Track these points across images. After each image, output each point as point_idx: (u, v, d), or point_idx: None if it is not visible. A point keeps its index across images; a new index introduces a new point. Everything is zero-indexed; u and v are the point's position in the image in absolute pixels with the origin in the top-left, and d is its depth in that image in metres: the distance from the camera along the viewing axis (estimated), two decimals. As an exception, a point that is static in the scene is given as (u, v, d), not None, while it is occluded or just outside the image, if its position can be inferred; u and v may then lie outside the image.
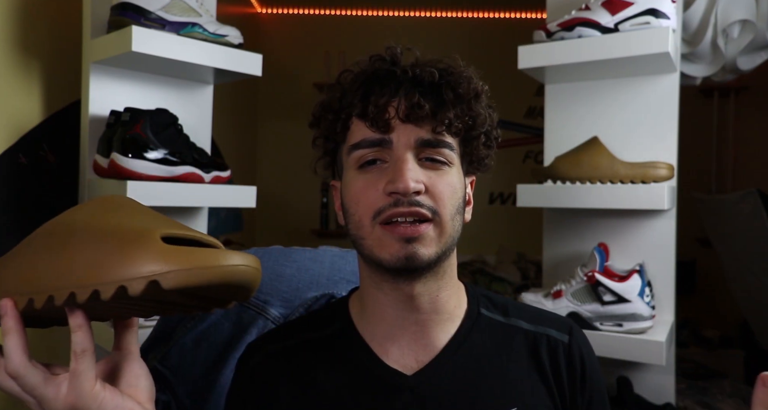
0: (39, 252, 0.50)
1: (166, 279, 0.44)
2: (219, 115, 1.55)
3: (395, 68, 0.67)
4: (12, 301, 0.49)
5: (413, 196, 0.62)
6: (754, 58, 1.75)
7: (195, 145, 1.23)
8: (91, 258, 0.46)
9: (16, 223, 1.21)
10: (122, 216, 0.50)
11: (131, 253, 0.45)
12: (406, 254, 0.61)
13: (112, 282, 0.44)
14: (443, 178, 0.64)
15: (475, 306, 0.72)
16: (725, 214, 2.38)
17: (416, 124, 0.64)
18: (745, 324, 2.76)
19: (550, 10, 1.51)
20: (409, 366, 0.68)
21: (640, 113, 1.38)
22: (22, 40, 1.23)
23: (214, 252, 0.46)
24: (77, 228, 0.49)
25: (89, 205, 0.53)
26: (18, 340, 0.49)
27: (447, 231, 0.63)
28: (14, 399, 0.51)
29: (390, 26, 3.74)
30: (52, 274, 0.47)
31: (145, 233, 0.47)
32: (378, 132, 0.64)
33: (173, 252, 0.45)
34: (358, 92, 0.66)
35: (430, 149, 0.64)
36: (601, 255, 1.24)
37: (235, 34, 1.25)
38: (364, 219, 0.64)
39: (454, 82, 0.65)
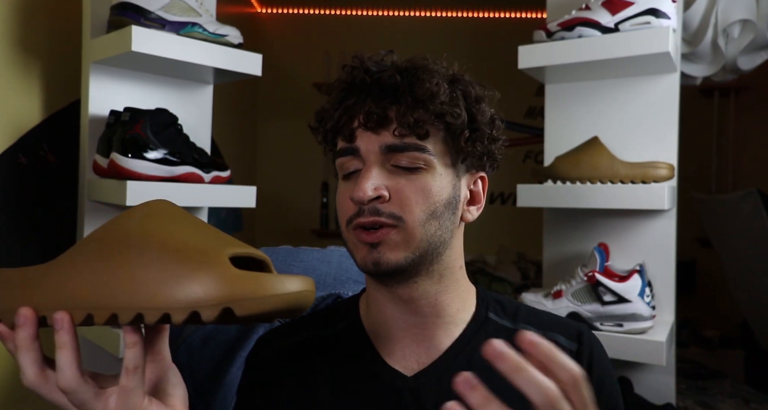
0: (92, 263, 0.47)
1: (241, 308, 0.43)
2: (219, 115, 1.55)
3: (365, 76, 0.67)
4: (69, 316, 0.46)
5: (374, 204, 0.62)
6: (755, 58, 1.75)
7: (195, 145, 1.23)
8: (157, 277, 0.45)
9: (16, 223, 1.21)
10: (181, 230, 0.48)
11: (203, 277, 0.44)
12: (372, 259, 0.63)
13: (185, 308, 0.44)
14: (414, 183, 0.64)
15: (483, 310, 0.72)
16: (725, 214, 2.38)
17: (376, 132, 0.64)
18: (745, 324, 2.76)
19: (550, 9, 1.51)
20: (409, 367, 0.68)
21: (640, 113, 1.38)
22: (22, 40, 1.22)
23: (281, 279, 0.45)
24: (134, 240, 0.47)
25: (138, 212, 0.50)
26: (73, 355, 0.47)
27: (416, 235, 0.63)
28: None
29: (390, 26, 3.74)
30: (114, 291, 0.45)
31: (212, 254, 0.45)
32: (346, 141, 0.66)
33: (245, 278, 0.44)
34: (335, 104, 0.68)
35: (398, 154, 0.64)
36: (601, 255, 1.24)
37: (235, 34, 1.25)
38: (343, 226, 0.66)
39: (410, 84, 0.65)
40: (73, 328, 0.47)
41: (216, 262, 0.45)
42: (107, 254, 0.47)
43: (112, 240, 0.48)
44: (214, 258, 0.45)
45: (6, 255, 1.19)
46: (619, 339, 1.18)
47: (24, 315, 0.47)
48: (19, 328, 0.47)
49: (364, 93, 0.66)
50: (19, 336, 0.47)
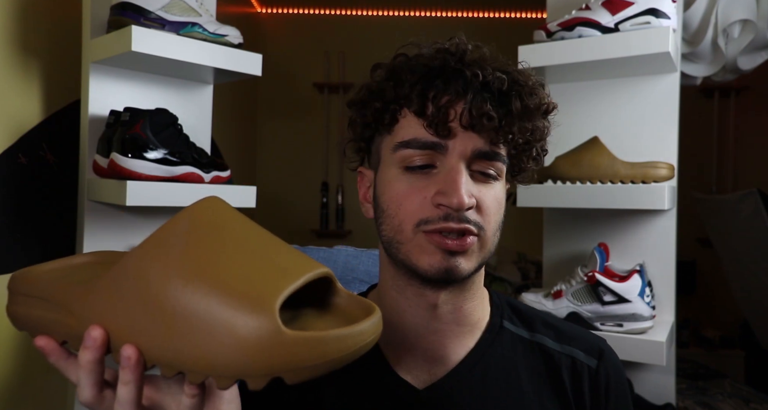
0: (131, 298, 0.41)
1: (292, 378, 0.38)
2: (219, 115, 1.55)
3: (463, 67, 0.60)
4: (137, 354, 0.41)
5: (464, 211, 0.58)
6: (755, 58, 1.75)
7: (195, 144, 1.23)
8: (201, 333, 0.38)
9: (16, 223, 1.21)
10: (231, 263, 0.41)
11: (250, 342, 0.37)
12: (447, 266, 0.58)
13: (232, 376, 0.38)
14: (491, 192, 0.61)
15: (497, 319, 0.68)
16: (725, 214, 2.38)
17: (478, 134, 0.59)
18: (745, 324, 2.76)
19: (550, 9, 1.51)
20: (421, 378, 0.64)
21: (640, 113, 1.38)
22: (22, 40, 1.22)
23: (342, 337, 0.38)
24: (175, 276, 0.40)
25: (185, 224, 0.43)
26: (135, 393, 0.43)
27: (488, 245, 0.61)
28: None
29: (390, 26, 3.74)
30: (154, 340, 0.40)
31: (263, 305, 0.38)
32: (435, 135, 0.59)
33: (297, 344, 0.37)
34: (416, 85, 0.60)
35: (484, 161, 0.60)
36: (602, 255, 1.24)
37: (235, 33, 1.25)
38: (406, 225, 0.60)
39: (524, 93, 0.60)
40: (140, 368, 0.42)
41: (266, 319, 0.38)
42: (145, 289, 0.41)
43: (152, 265, 0.42)
44: (264, 312, 0.38)
45: (6, 255, 1.19)
46: (619, 339, 1.18)
47: (93, 338, 0.42)
48: (85, 350, 0.43)
49: (462, 86, 0.59)
50: (84, 357, 0.43)
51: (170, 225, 0.44)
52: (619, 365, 0.69)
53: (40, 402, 1.28)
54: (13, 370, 1.21)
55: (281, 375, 0.38)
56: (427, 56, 0.62)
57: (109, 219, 1.27)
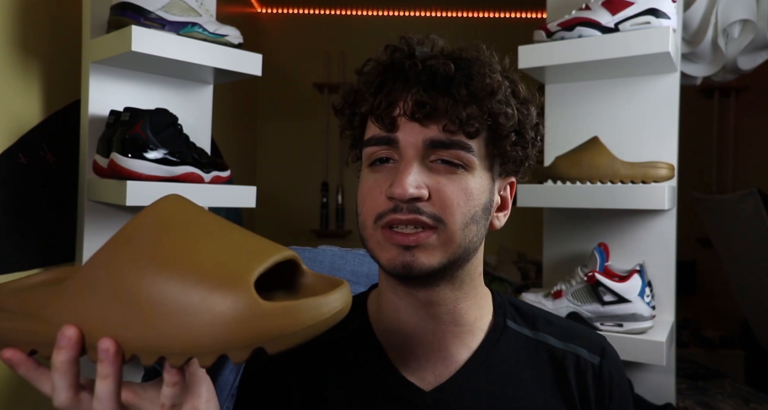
0: (102, 290, 0.42)
1: (273, 346, 0.39)
2: (219, 115, 1.55)
3: (408, 60, 0.60)
4: (116, 346, 0.41)
5: (413, 203, 0.57)
6: (755, 58, 1.75)
7: (195, 144, 1.23)
8: (178, 314, 0.39)
9: (16, 223, 1.21)
10: (201, 249, 0.42)
11: (228, 317, 0.39)
12: (403, 262, 0.57)
13: (212, 352, 0.39)
14: (455, 183, 0.58)
15: (501, 318, 0.68)
16: (725, 214, 2.38)
17: (423, 124, 0.58)
18: (745, 324, 2.76)
19: (550, 9, 1.51)
20: (426, 380, 0.63)
21: (640, 113, 1.38)
22: (22, 40, 1.22)
23: (316, 304, 0.40)
24: (148, 259, 0.41)
25: (150, 219, 0.44)
26: (114, 387, 0.43)
27: (455, 240, 0.58)
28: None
29: (390, 26, 3.74)
30: (131, 330, 0.41)
31: (237, 282, 0.39)
32: (383, 129, 0.59)
33: (275, 314, 0.39)
34: (371, 85, 0.61)
35: (441, 150, 0.58)
36: (602, 255, 1.24)
37: (235, 33, 1.25)
38: (368, 221, 0.60)
39: (467, 77, 0.59)
40: (119, 360, 0.42)
41: (242, 294, 0.39)
42: (118, 284, 0.42)
43: (122, 265, 0.42)
44: (239, 288, 0.39)
45: (6, 255, 1.19)
46: (619, 339, 1.18)
47: (68, 337, 0.42)
48: (60, 350, 0.42)
49: (410, 79, 0.59)
50: (58, 358, 0.42)
51: (135, 222, 0.44)
52: (620, 363, 0.69)
53: (40, 402, 1.28)
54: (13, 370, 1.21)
55: (262, 345, 0.39)
56: (382, 57, 0.63)
57: (109, 219, 1.27)
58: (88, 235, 1.24)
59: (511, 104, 0.61)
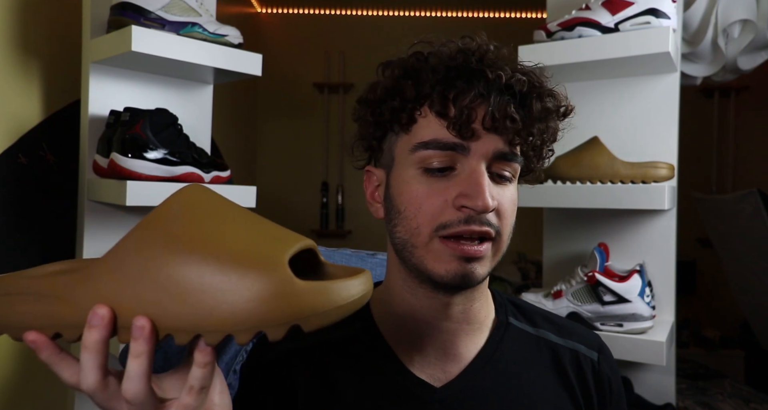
0: (134, 273, 0.42)
1: (308, 324, 0.40)
2: (219, 115, 1.55)
3: (484, 67, 0.59)
4: (151, 324, 0.41)
5: (485, 214, 0.57)
6: (755, 58, 1.75)
7: (195, 144, 1.23)
8: (215, 293, 0.40)
9: (15, 223, 1.21)
10: (230, 229, 0.43)
11: (267, 293, 0.40)
12: (463, 273, 0.58)
13: (250, 328, 0.40)
14: (506, 194, 0.60)
15: (503, 316, 0.69)
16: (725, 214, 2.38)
17: (499, 135, 0.58)
18: (745, 324, 2.76)
19: (550, 9, 1.51)
20: (436, 376, 0.64)
21: (640, 113, 1.38)
22: (22, 40, 1.22)
23: (345, 286, 0.42)
24: (181, 245, 0.42)
25: (176, 207, 0.45)
26: (148, 366, 0.42)
27: (502, 249, 0.61)
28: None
29: (390, 26, 3.74)
30: (166, 309, 0.41)
31: (273, 262, 0.41)
32: (458, 136, 0.57)
33: (313, 292, 0.40)
34: (438, 85, 0.59)
35: (503, 162, 0.59)
36: (601, 255, 1.24)
37: (235, 33, 1.25)
38: (423, 228, 0.58)
39: (543, 95, 0.60)
40: (153, 338, 0.41)
41: (278, 273, 0.40)
42: (152, 264, 0.42)
43: (155, 247, 0.42)
44: (275, 268, 0.41)
45: (6, 255, 1.19)
46: (619, 339, 1.18)
47: (101, 316, 0.41)
48: (92, 329, 0.41)
49: (490, 88, 0.58)
50: (91, 338, 0.42)
51: (162, 208, 0.45)
52: (613, 359, 0.72)
53: (40, 402, 1.28)
54: (13, 370, 1.21)
55: (298, 323, 0.40)
56: (446, 55, 0.60)
57: (109, 219, 1.27)
58: (88, 235, 1.24)
59: (558, 123, 0.64)
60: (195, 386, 0.43)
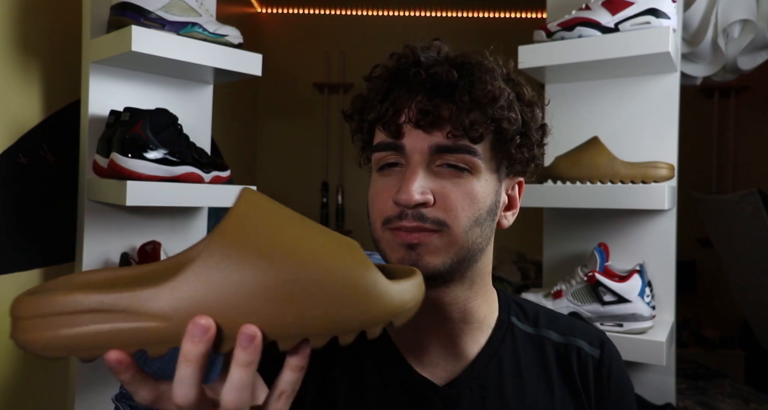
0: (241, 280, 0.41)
1: (399, 319, 0.44)
2: (219, 115, 1.55)
3: (413, 68, 0.62)
4: (261, 333, 0.40)
5: (418, 208, 0.59)
6: (755, 58, 1.75)
7: (195, 144, 1.23)
8: (322, 300, 0.41)
9: (16, 223, 1.21)
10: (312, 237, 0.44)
11: (373, 294, 0.43)
12: (410, 261, 0.60)
13: (354, 330, 0.42)
14: (460, 187, 0.60)
15: (506, 316, 0.70)
16: (725, 214, 2.38)
17: (427, 131, 0.60)
18: (745, 324, 2.76)
19: (550, 9, 1.51)
20: (439, 375, 0.65)
21: (640, 113, 1.38)
22: (22, 40, 1.22)
23: (418, 282, 0.46)
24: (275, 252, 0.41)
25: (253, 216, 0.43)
26: (254, 376, 0.41)
27: (458, 241, 0.60)
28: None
29: (390, 26, 3.74)
30: (274, 316, 0.40)
31: (364, 267, 0.43)
32: (389, 136, 0.61)
33: (401, 290, 0.44)
34: (379, 93, 0.63)
35: (447, 155, 0.60)
36: (601, 255, 1.24)
37: (235, 33, 1.25)
38: (376, 224, 0.63)
39: (470, 84, 0.60)
40: (261, 346, 0.40)
41: (371, 275, 0.43)
42: (241, 269, 0.41)
43: (242, 249, 0.41)
44: (367, 270, 0.43)
45: (6, 255, 1.19)
46: (619, 339, 1.18)
47: (204, 327, 0.39)
48: (195, 342, 0.39)
49: (415, 86, 0.61)
50: (194, 351, 0.39)
51: (237, 215, 0.43)
52: (620, 357, 0.72)
53: (40, 402, 1.28)
54: (13, 370, 1.21)
55: (392, 319, 0.43)
56: (388, 64, 0.64)
57: (109, 219, 1.27)
58: (88, 235, 1.24)
59: (515, 108, 0.62)
60: (287, 390, 0.43)
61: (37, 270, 1.26)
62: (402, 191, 0.58)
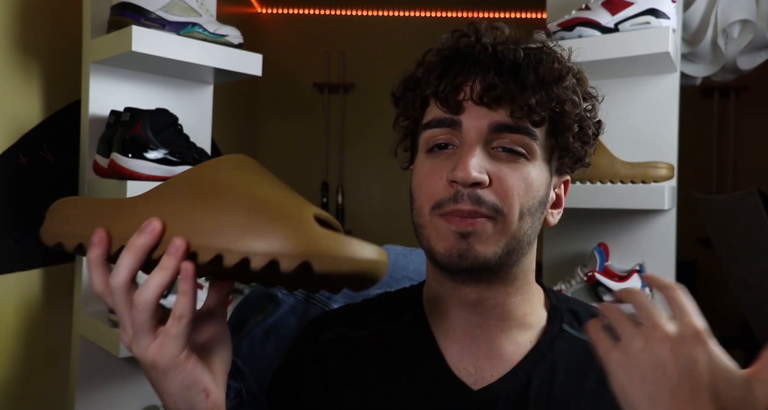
0: (179, 202, 0.49)
1: (319, 264, 0.43)
2: (219, 115, 1.55)
3: (476, 45, 0.60)
4: (186, 244, 0.46)
5: (475, 189, 0.56)
6: (755, 58, 1.75)
7: (195, 145, 1.23)
8: (244, 224, 0.45)
9: (16, 223, 1.21)
10: (269, 186, 0.50)
11: (288, 228, 0.44)
12: (459, 250, 0.56)
13: (266, 254, 0.44)
14: (516, 172, 0.57)
15: (556, 322, 0.64)
16: (725, 214, 2.37)
17: (490, 108, 0.57)
18: (746, 324, 2.76)
19: (550, 10, 1.51)
20: (474, 377, 0.61)
21: (640, 113, 1.38)
22: (22, 40, 1.22)
23: (361, 244, 0.45)
24: (225, 188, 0.48)
25: (226, 164, 0.51)
26: (167, 281, 0.47)
27: (510, 231, 0.57)
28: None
29: (390, 26, 3.74)
30: (199, 230, 0.46)
31: (299, 210, 0.46)
32: (447, 112, 0.59)
33: (329, 237, 0.44)
34: (436, 69, 0.61)
35: (507, 134, 0.57)
36: (601, 255, 1.24)
37: (235, 34, 1.25)
38: (424, 208, 0.59)
39: (536, 62, 0.58)
40: (182, 257, 0.46)
41: (301, 218, 0.45)
42: (196, 197, 0.48)
43: (202, 186, 0.49)
44: (299, 214, 0.45)
45: (6, 255, 1.19)
46: (619, 339, 1.18)
47: (153, 226, 0.47)
48: (141, 234, 0.47)
49: (479, 63, 0.59)
50: (138, 241, 0.47)
51: (216, 161, 0.51)
52: None
53: (40, 402, 1.28)
54: (13, 370, 1.22)
55: (309, 260, 0.43)
56: (447, 42, 0.63)
57: (109, 219, 1.27)
58: (89, 235, 1.24)
59: (578, 92, 0.61)
60: (176, 314, 0.47)
61: (37, 270, 1.26)
62: (459, 168, 0.56)
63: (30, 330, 1.25)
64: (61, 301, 1.31)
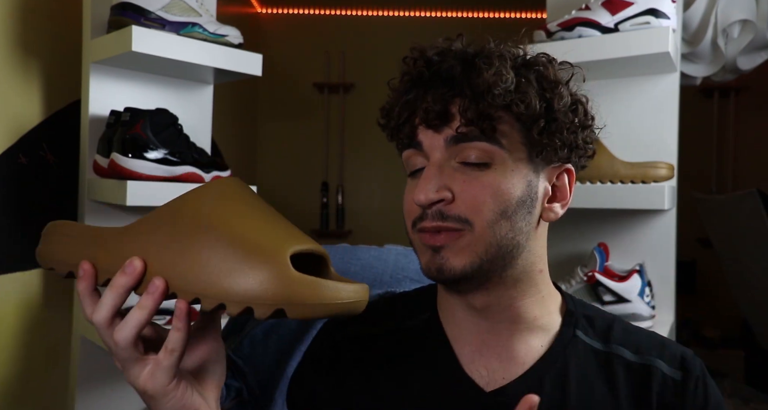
0: (161, 239, 0.50)
1: (293, 311, 0.45)
2: (219, 115, 1.55)
3: (423, 68, 0.61)
4: (165, 285, 0.48)
5: (439, 206, 0.57)
6: (754, 58, 1.75)
7: (195, 144, 1.23)
8: (221, 267, 0.46)
9: (16, 223, 1.21)
10: (251, 220, 0.50)
11: (263, 275, 0.45)
12: (435, 265, 0.58)
13: (240, 302, 0.45)
14: (479, 180, 0.58)
15: (570, 328, 0.64)
16: (725, 214, 2.37)
17: (437, 129, 0.59)
18: (745, 324, 2.76)
19: (550, 10, 1.51)
20: (486, 379, 0.62)
21: (640, 113, 1.38)
22: (22, 40, 1.22)
23: (336, 287, 0.46)
24: (205, 223, 0.49)
25: (212, 192, 0.52)
26: (144, 319, 0.49)
27: (485, 238, 0.57)
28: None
29: (390, 26, 3.74)
30: (178, 272, 0.48)
31: (276, 251, 0.46)
32: (407, 139, 0.62)
33: (302, 284, 0.45)
34: (397, 101, 0.63)
35: (464, 144, 0.58)
36: (601, 255, 1.24)
37: (235, 33, 1.25)
38: (408, 227, 0.62)
39: (468, 75, 0.58)
40: (162, 297, 0.48)
41: (277, 261, 0.46)
42: (177, 233, 0.49)
43: (184, 220, 0.50)
44: (276, 257, 0.46)
45: (6, 255, 1.19)
46: (619, 339, 1.18)
47: (135, 266, 0.49)
48: (124, 275, 0.49)
49: (423, 87, 0.60)
50: (119, 281, 0.49)
51: (199, 190, 0.52)
52: (706, 375, 0.63)
53: (40, 402, 1.28)
54: (13, 370, 1.22)
55: (283, 307, 0.44)
56: (405, 70, 0.64)
57: (109, 220, 1.27)
58: (89, 235, 1.24)
59: (529, 91, 0.59)
60: (168, 347, 0.49)
61: (37, 270, 1.27)
62: (417, 191, 0.58)
63: (30, 330, 1.25)
64: (61, 301, 1.31)
